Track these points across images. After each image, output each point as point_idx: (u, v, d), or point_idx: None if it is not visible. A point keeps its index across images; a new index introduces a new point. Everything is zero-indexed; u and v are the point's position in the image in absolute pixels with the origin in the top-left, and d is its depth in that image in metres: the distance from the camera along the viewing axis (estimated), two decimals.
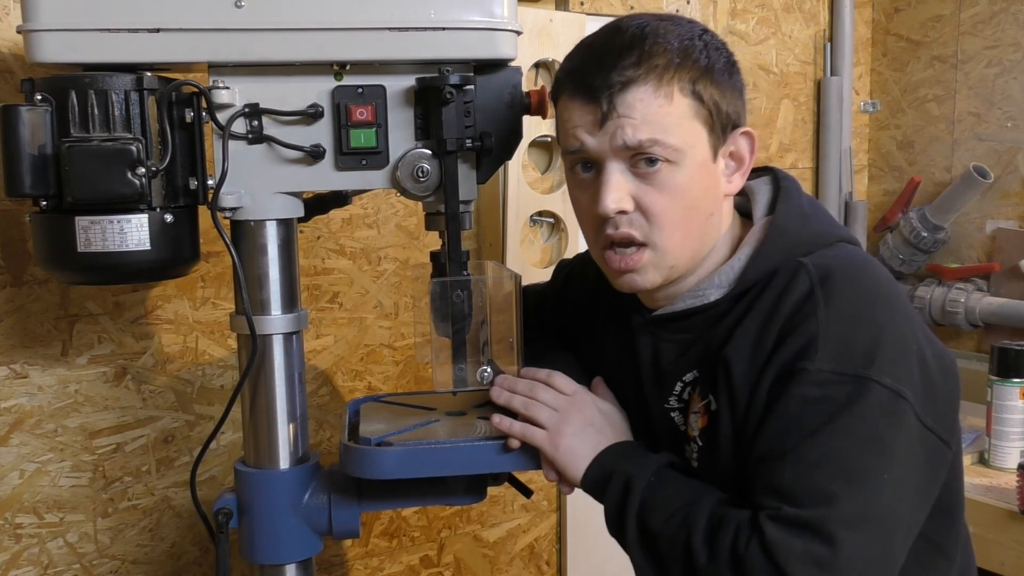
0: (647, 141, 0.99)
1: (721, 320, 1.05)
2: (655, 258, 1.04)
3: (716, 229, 1.08)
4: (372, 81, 1.11)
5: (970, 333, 2.32)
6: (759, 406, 0.98)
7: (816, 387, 0.95)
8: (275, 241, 1.15)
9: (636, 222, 1.03)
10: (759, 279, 1.03)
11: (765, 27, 2.32)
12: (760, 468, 0.97)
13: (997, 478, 1.83)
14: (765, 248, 1.04)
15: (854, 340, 0.96)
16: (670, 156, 1.00)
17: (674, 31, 1.02)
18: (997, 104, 2.28)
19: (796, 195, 1.09)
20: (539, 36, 1.83)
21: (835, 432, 0.93)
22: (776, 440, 0.96)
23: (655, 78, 0.99)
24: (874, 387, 0.94)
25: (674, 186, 1.01)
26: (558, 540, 2.08)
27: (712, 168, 1.04)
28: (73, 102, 1.04)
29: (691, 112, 1.01)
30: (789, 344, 0.97)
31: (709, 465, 1.05)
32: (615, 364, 1.19)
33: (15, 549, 1.48)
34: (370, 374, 1.81)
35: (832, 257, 1.02)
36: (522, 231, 1.91)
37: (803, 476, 0.93)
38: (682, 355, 1.09)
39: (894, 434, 0.95)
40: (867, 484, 0.93)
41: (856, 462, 0.93)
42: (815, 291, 0.98)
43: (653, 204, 1.02)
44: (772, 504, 0.93)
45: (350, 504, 1.18)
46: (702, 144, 1.02)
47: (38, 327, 1.47)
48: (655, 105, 0.99)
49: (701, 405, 1.06)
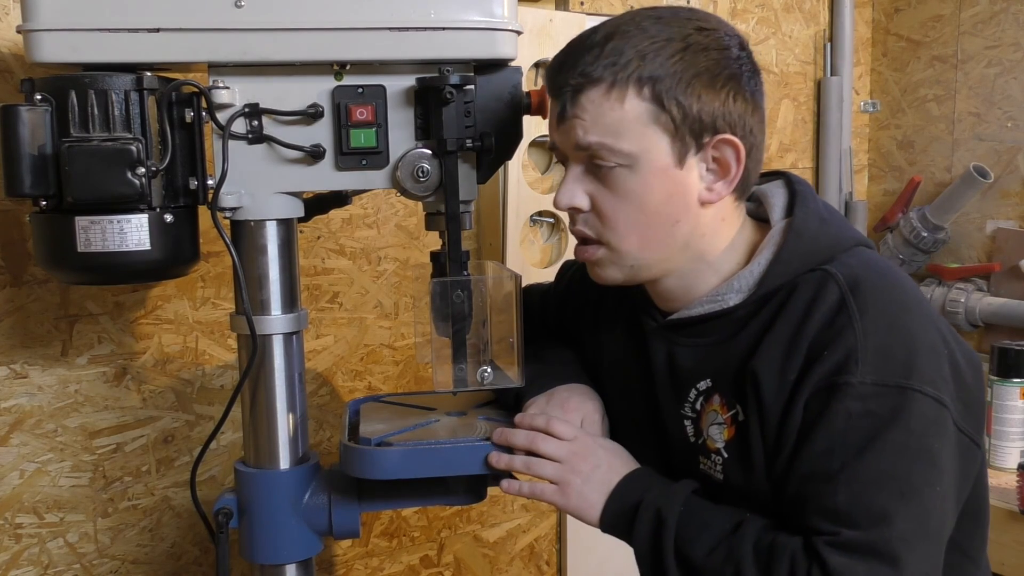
0: (595, 144, 0.99)
1: (743, 328, 1.03)
2: (611, 256, 1.04)
3: (693, 236, 1.04)
4: (372, 81, 1.11)
5: (970, 333, 2.32)
6: (795, 422, 0.96)
7: (859, 400, 0.92)
8: (275, 241, 1.15)
9: (590, 221, 1.04)
10: (781, 285, 1.01)
11: (765, 27, 2.32)
12: (808, 489, 0.95)
13: (997, 478, 1.82)
14: (785, 253, 1.02)
15: (892, 350, 0.94)
16: (621, 160, 0.99)
17: (652, 31, 0.98)
18: (997, 104, 2.28)
19: (812, 199, 1.07)
20: (539, 36, 1.83)
21: (885, 448, 0.92)
22: (823, 459, 0.94)
23: (608, 81, 0.98)
24: (916, 397, 0.92)
25: (627, 190, 1.00)
26: (558, 540, 2.08)
27: (676, 175, 1.00)
28: (73, 102, 1.04)
29: (648, 117, 0.98)
30: (826, 358, 0.94)
31: (739, 479, 1.02)
32: (622, 367, 1.18)
33: (15, 549, 1.48)
34: (370, 374, 1.80)
35: (856, 265, 1.00)
36: (522, 231, 1.91)
37: (858, 497, 0.91)
38: (698, 361, 1.07)
39: (940, 445, 0.94)
40: (922, 499, 0.92)
41: (909, 478, 0.92)
42: (848, 301, 0.96)
43: (604, 205, 1.02)
44: (828, 528, 0.92)
45: (350, 504, 1.18)
46: (660, 150, 0.99)
47: (38, 327, 1.47)
48: (605, 107, 0.98)
49: (728, 416, 1.03)
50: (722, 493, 1.04)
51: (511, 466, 1.09)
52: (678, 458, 1.10)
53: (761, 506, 1.00)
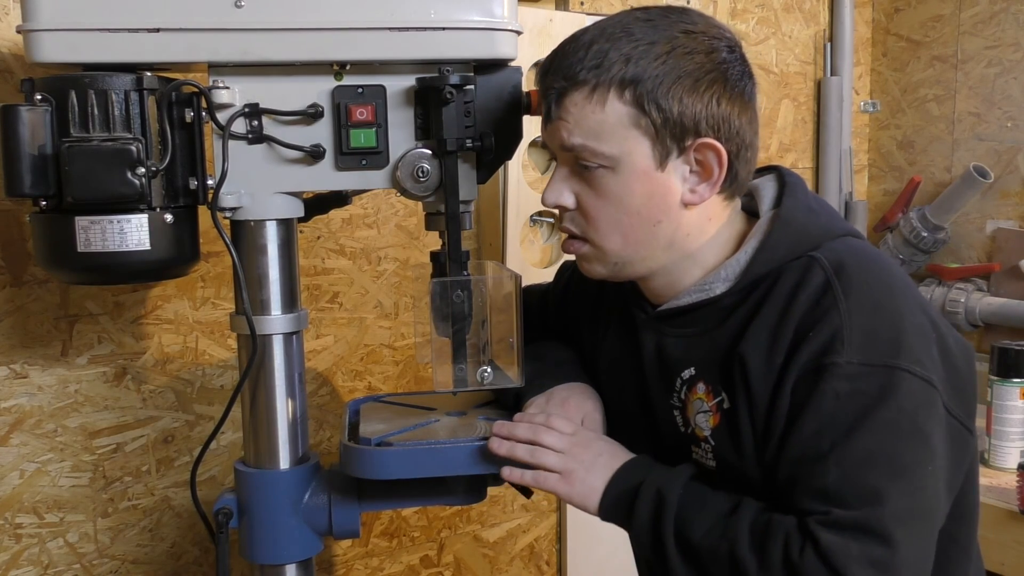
0: (579, 146, 1.01)
1: (729, 316, 1.04)
2: (595, 253, 1.06)
3: (676, 237, 1.04)
4: (372, 81, 1.11)
5: (970, 333, 2.32)
6: (783, 406, 0.96)
7: (846, 380, 0.93)
8: (275, 241, 1.15)
9: (576, 219, 1.06)
10: (767, 273, 1.02)
11: (765, 27, 2.32)
12: (800, 470, 0.95)
13: (997, 478, 1.82)
14: (771, 241, 1.03)
15: (879, 330, 0.94)
16: (603, 162, 1.01)
17: (638, 34, 0.99)
18: (997, 104, 2.28)
19: (802, 191, 1.08)
20: (539, 36, 1.83)
21: (874, 427, 0.92)
22: (813, 440, 0.94)
23: (590, 84, 0.99)
24: (905, 376, 0.92)
25: (608, 191, 1.02)
26: (558, 540, 2.08)
27: (657, 177, 1.01)
28: (73, 102, 1.04)
29: (628, 120, 0.99)
30: (812, 340, 0.95)
31: (730, 464, 1.03)
32: (617, 362, 1.18)
33: (15, 549, 1.48)
34: (370, 374, 1.81)
35: (842, 250, 1.01)
36: (522, 231, 1.91)
37: (849, 476, 0.91)
38: (685, 351, 1.08)
39: (932, 424, 0.94)
40: (914, 478, 0.92)
41: (900, 456, 0.92)
42: (832, 284, 0.97)
43: (587, 204, 1.04)
44: (820, 508, 0.92)
45: (350, 504, 1.18)
46: (641, 153, 1.00)
47: (38, 327, 1.47)
48: (587, 110, 1.00)
49: (713, 403, 1.04)
50: (716, 480, 1.05)
51: (512, 453, 1.08)
52: (671, 450, 1.11)
53: (755, 491, 1.01)
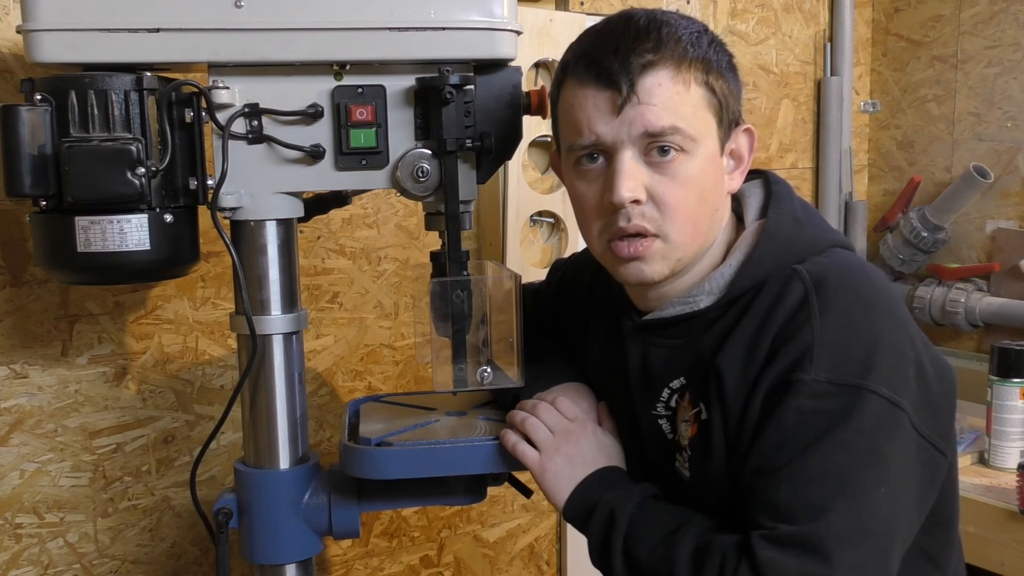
0: (668, 128, 0.97)
1: (711, 327, 1.03)
2: (665, 249, 1.01)
3: (719, 226, 1.06)
4: (372, 81, 1.11)
5: (970, 333, 2.32)
6: (753, 418, 0.96)
7: (811, 399, 0.92)
8: (275, 241, 1.15)
9: (648, 214, 0.99)
10: (750, 287, 1.01)
11: (765, 27, 2.32)
12: (755, 483, 0.95)
13: (997, 478, 1.83)
14: (756, 255, 1.02)
15: (851, 349, 0.94)
16: (686, 145, 0.98)
17: (682, 23, 1.01)
18: (997, 104, 2.28)
19: (788, 200, 1.06)
20: (539, 36, 1.83)
21: (831, 446, 0.91)
22: (771, 454, 0.94)
23: (674, 64, 0.97)
24: (870, 397, 0.92)
25: (687, 176, 0.99)
26: (558, 540, 2.08)
27: (719, 162, 1.03)
28: (73, 102, 1.04)
29: (704, 103, 0.99)
30: (784, 355, 0.95)
31: (702, 475, 1.03)
32: (603, 367, 1.18)
33: (15, 549, 1.48)
34: (370, 374, 1.81)
35: (826, 264, 1.00)
36: (522, 231, 1.91)
37: (798, 492, 0.91)
38: (670, 361, 1.07)
39: (891, 447, 0.93)
40: (864, 498, 0.91)
41: (853, 476, 0.91)
42: (810, 299, 0.96)
43: (667, 194, 0.98)
44: (767, 523, 0.91)
45: (350, 504, 1.18)
46: (712, 136, 1.01)
47: (38, 327, 1.47)
48: (674, 92, 0.97)
49: (692, 414, 1.04)
50: (689, 490, 1.05)
51: (511, 419, 1.12)
52: (654, 456, 1.11)
53: (724, 503, 1.00)
